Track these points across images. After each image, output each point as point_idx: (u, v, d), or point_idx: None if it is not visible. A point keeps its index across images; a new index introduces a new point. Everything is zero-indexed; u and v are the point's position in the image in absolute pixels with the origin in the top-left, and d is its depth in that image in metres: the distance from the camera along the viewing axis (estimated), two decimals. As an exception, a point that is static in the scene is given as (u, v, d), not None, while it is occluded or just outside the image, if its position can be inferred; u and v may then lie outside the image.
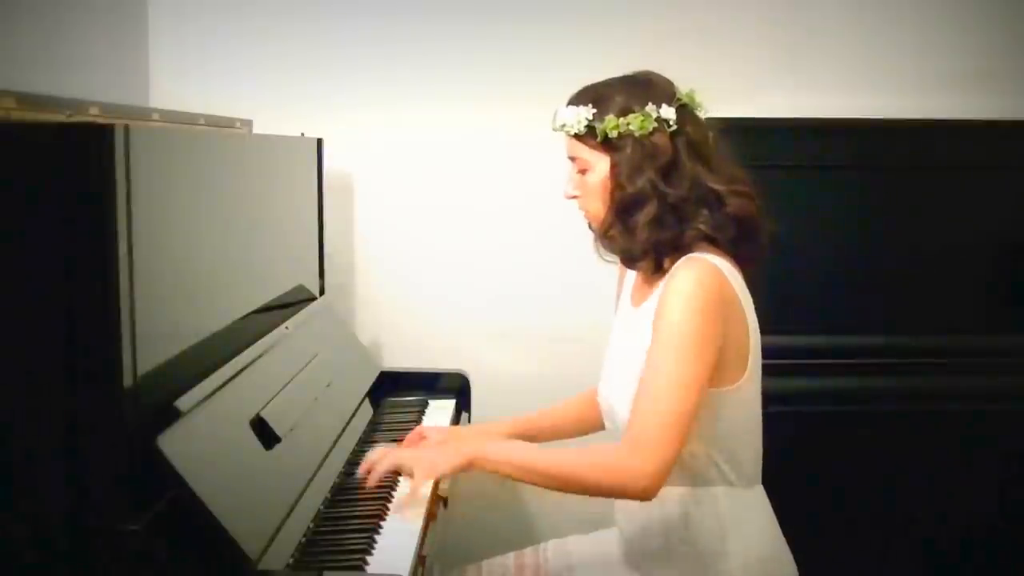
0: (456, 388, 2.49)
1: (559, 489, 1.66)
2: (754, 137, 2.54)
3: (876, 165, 2.56)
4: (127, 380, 1.37)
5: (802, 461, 2.40)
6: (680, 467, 1.70)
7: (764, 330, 1.75)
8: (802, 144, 2.56)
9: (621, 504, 1.84)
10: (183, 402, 1.49)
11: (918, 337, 2.54)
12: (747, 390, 1.71)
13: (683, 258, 1.67)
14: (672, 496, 1.72)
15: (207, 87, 2.66)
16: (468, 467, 1.66)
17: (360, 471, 1.74)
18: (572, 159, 1.77)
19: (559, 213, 1.89)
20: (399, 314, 2.80)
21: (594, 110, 1.71)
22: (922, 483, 2.48)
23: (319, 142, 2.54)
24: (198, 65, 2.68)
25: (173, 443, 1.41)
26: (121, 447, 1.36)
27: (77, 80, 2.24)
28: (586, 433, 2.02)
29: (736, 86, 2.74)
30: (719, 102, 2.65)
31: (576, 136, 1.73)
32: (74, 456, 1.35)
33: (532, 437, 1.96)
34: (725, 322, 1.65)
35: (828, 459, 2.46)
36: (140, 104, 2.55)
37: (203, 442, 1.51)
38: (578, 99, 1.75)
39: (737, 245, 1.72)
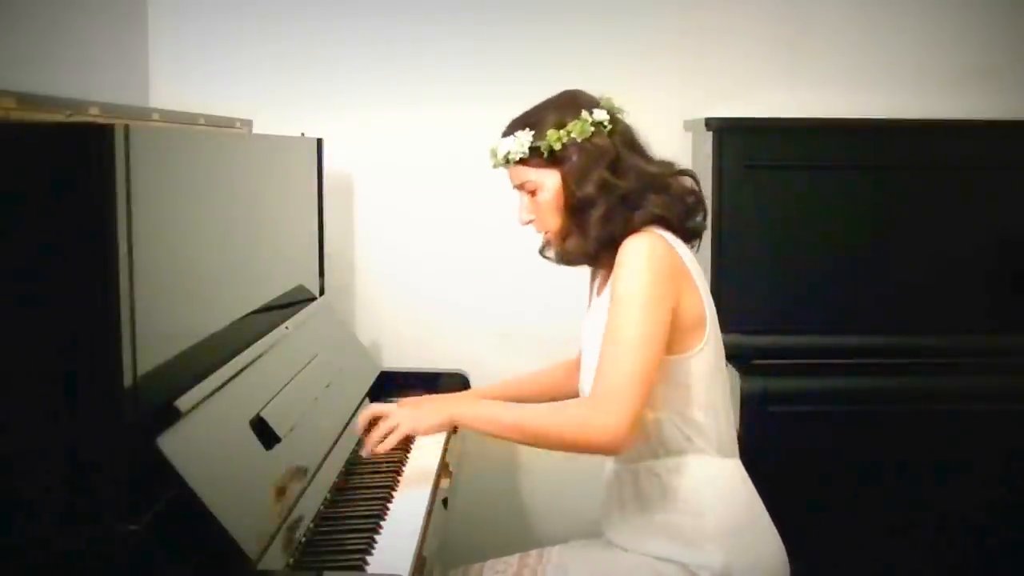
0: (456, 388, 2.49)
1: (534, 445, 1.77)
2: (754, 137, 2.55)
3: (876, 165, 2.56)
4: (127, 380, 1.37)
5: (803, 461, 2.40)
6: (649, 436, 1.79)
7: (765, 330, 1.76)
8: (802, 144, 2.56)
9: (603, 487, 1.90)
10: (183, 402, 1.49)
11: (919, 337, 2.54)
12: (704, 358, 1.78)
13: (631, 234, 1.76)
14: (645, 471, 1.80)
15: (207, 87, 2.66)
16: (448, 425, 1.81)
17: (360, 426, 1.88)
18: (520, 187, 1.87)
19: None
20: (399, 314, 2.80)
21: (532, 131, 1.81)
22: (923, 483, 2.48)
23: (319, 142, 2.54)
24: (198, 65, 2.68)
25: (173, 443, 1.41)
26: (121, 447, 1.36)
27: (77, 80, 2.24)
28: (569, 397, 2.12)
29: (736, 86, 2.74)
30: (719, 102, 2.69)
31: (521, 161, 1.83)
32: (74, 456, 1.35)
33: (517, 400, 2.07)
34: (676, 287, 1.74)
35: (829, 459, 2.45)
36: (140, 104, 2.56)
37: (203, 442, 1.51)
38: (512, 128, 1.86)
39: (685, 220, 1.82)
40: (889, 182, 2.56)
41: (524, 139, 1.81)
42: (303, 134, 2.50)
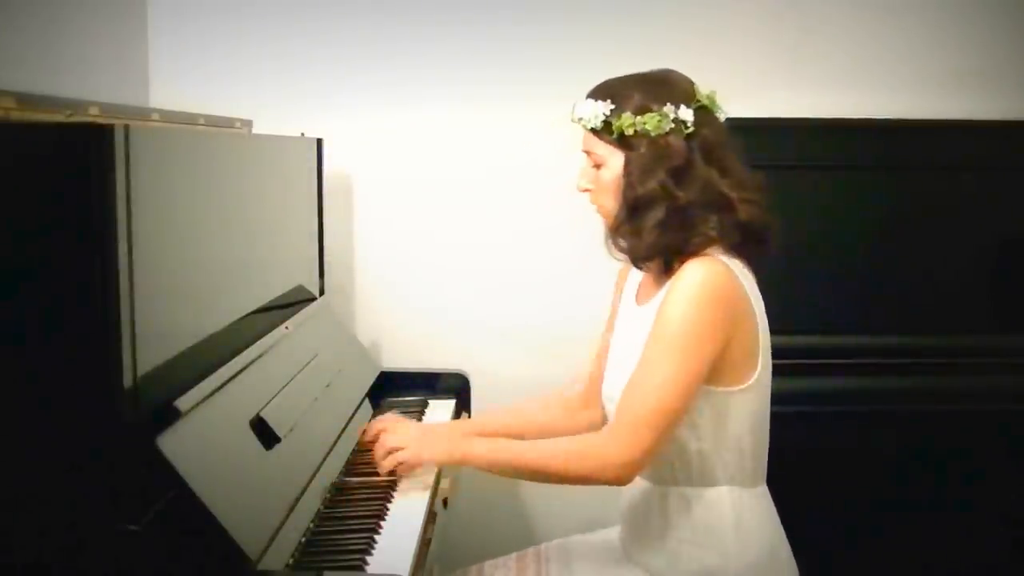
0: (456, 388, 2.49)
1: (540, 480, 1.73)
2: (754, 137, 2.54)
3: (877, 165, 2.56)
4: (127, 380, 1.37)
5: (803, 461, 2.39)
6: (686, 467, 1.72)
7: (765, 330, 1.75)
8: (802, 144, 2.56)
9: (626, 504, 1.85)
10: (183, 402, 1.49)
11: (920, 337, 2.54)
12: (756, 390, 1.71)
13: (694, 257, 1.66)
14: (676, 496, 1.74)
15: (207, 87, 2.66)
16: (454, 463, 1.75)
17: (368, 436, 1.95)
18: (587, 153, 1.77)
19: (559, 213, 1.90)
20: (399, 314, 2.79)
21: (612, 106, 1.71)
22: (924, 482, 2.48)
23: (319, 142, 2.53)
24: (198, 65, 2.68)
25: (173, 443, 1.41)
26: (121, 447, 1.36)
27: (77, 80, 2.24)
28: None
29: (736, 86, 2.71)
30: (719, 102, 2.68)
31: (593, 130, 1.73)
32: (74, 456, 1.35)
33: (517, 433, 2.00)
34: (732, 322, 1.65)
35: (829, 459, 2.46)
36: (140, 104, 2.55)
37: (203, 442, 1.51)
38: (597, 93, 1.74)
39: (742, 248, 1.71)
40: (890, 182, 2.56)
41: (600, 110, 1.70)
42: (303, 134, 2.50)
